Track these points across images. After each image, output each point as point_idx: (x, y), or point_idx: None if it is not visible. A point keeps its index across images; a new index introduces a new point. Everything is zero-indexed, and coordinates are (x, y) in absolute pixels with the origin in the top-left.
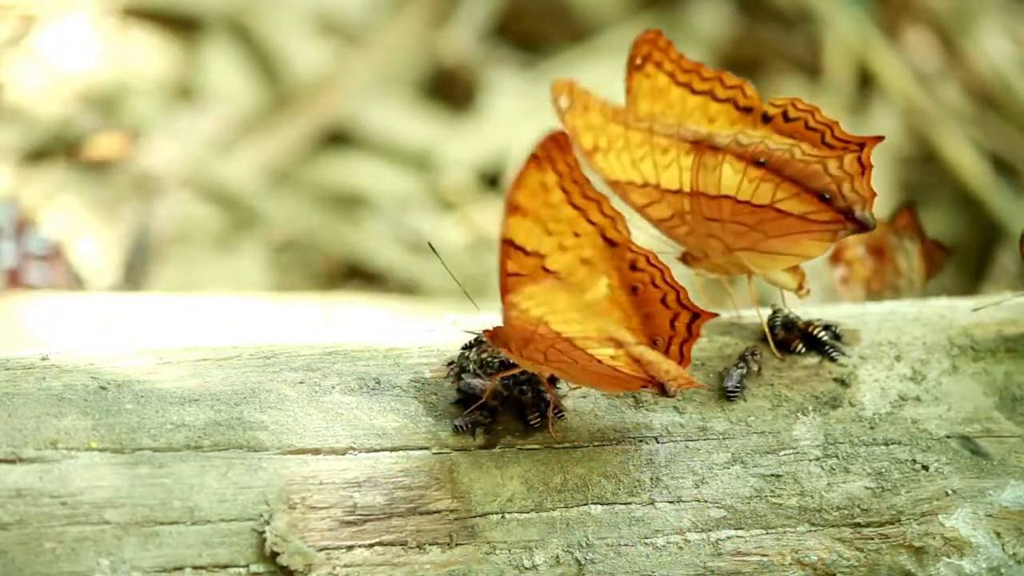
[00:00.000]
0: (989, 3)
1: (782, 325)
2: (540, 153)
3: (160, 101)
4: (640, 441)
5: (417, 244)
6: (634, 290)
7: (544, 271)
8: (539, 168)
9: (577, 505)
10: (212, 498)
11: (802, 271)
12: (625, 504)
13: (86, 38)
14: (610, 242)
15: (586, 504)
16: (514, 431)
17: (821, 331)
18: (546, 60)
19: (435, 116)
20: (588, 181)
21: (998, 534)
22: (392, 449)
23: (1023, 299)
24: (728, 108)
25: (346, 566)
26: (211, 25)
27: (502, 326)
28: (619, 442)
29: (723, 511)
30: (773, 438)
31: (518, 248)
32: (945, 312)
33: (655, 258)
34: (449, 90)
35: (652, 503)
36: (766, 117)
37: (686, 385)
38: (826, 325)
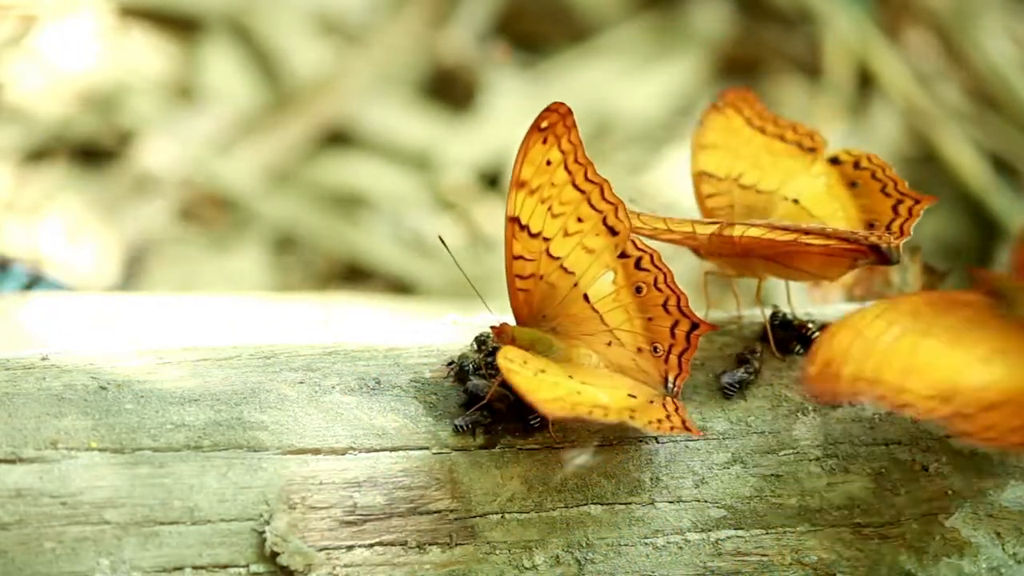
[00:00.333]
0: (989, 3)
1: (781, 325)
2: (545, 125)
3: (160, 101)
4: (640, 441)
5: (417, 244)
6: (638, 290)
7: (549, 257)
8: (544, 142)
9: (577, 505)
10: (212, 498)
11: None
12: (625, 504)
13: (86, 38)
14: (611, 230)
15: (586, 504)
16: (514, 431)
17: (816, 332)
18: (546, 60)
19: (435, 116)
20: (591, 164)
21: (998, 534)
22: (392, 449)
23: None
24: (792, 148)
25: (346, 566)
26: (211, 25)
27: (508, 323)
28: (619, 442)
29: (723, 511)
30: (773, 438)
31: (524, 227)
32: None
33: (659, 259)
34: (449, 90)
35: (652, 503)
36: (836, 161)
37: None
38: (823, 325)
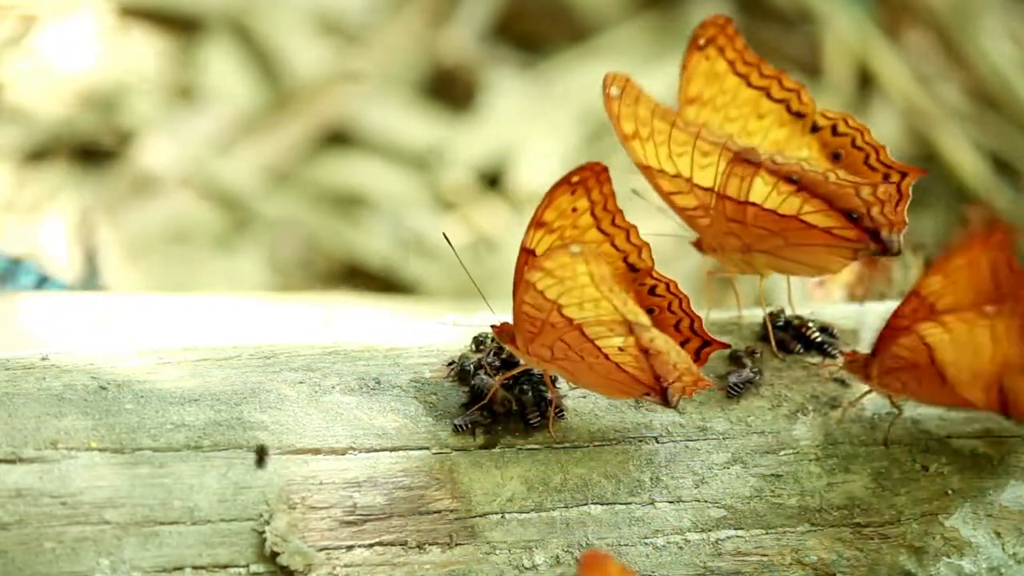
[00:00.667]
0: (989, 3)
1: (782, 325)
2: (575, 180)
3: (160, 101)
4: (640, 441)
5: (417, 244)
6: (649, 311)
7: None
8: (572, 193)
9: (577, 505)
10: (212, 498)
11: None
12: (625, 504)
13: (86, 38)
14: (632, 267)
15: (586, 504)
16: (514, 431)
17: (816, 332)
18: (546, 60)
19: (435, 116)
20: (620, 212)
21: (998, 534)
22: (392, 449)
23: None
24: (780, 109)
25: (346, 566)
26: (211, 25)
27: (509, 322)
28: (619, 442)
29: (723, 511)
30: (773, 438)
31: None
32: None
33: (676, 287)
34: (449, 90)
35: (652, 503)
36: (815, 127)
37: (692, 386)
38: (822, 327)
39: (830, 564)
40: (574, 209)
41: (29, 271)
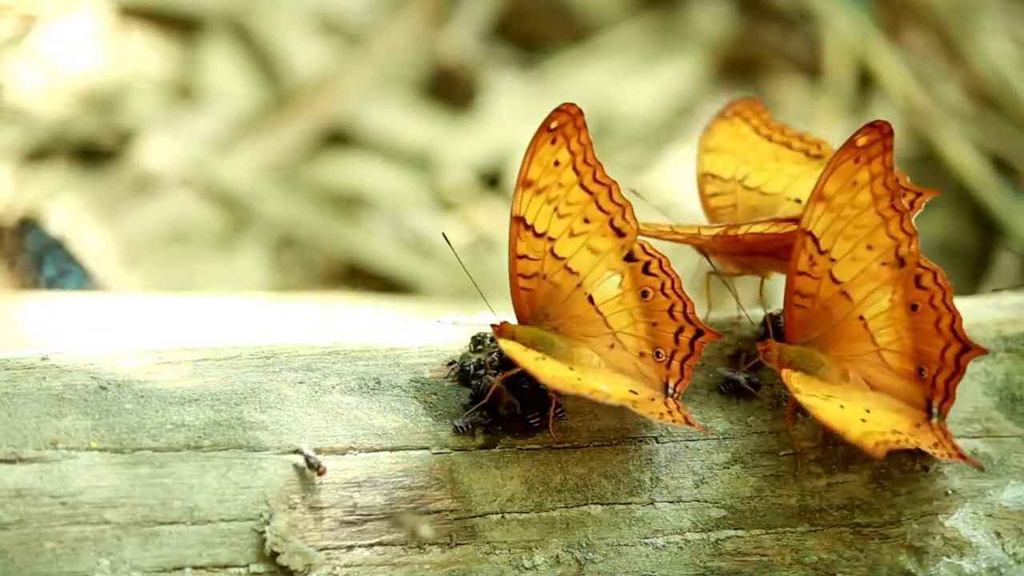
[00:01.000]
0: (989, 3)
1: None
2: (555, 126)
3: (160, 101)
4: (640, 441)
5: (417, 244)
6: (644, 294)
7: (553, 256)
8: (553, 142)
9: (577, 505)
10: (212, 498)
11: None
12: (625, 504)
13: (86, 38)
14: (618, 232)
15: (586, 504)
16: (514, 431)
17: None
18: (546, 60)
19: (435, 116)
20: (600, 165)
21: (998, 534)
22: (392, 449)
23: (1022, 298)
24: (799, 155)
25: (346, 566)
26: (211, 25)
27: (509, 321)
28: (619, 442)
29: (723, 511)
30: (773, 438)
31: (528, 227)
32: None
33: (668, 264)
34: (449, 90)
35: (652, 503)
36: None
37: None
38: None
39: (830, 564)
40: (556, 163)
41: (77, 278)
